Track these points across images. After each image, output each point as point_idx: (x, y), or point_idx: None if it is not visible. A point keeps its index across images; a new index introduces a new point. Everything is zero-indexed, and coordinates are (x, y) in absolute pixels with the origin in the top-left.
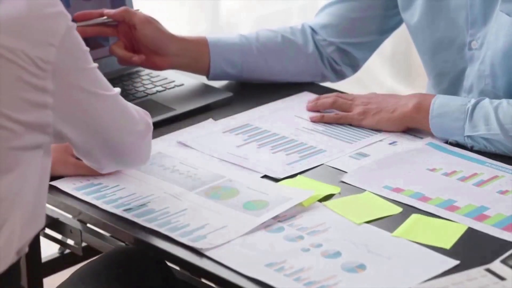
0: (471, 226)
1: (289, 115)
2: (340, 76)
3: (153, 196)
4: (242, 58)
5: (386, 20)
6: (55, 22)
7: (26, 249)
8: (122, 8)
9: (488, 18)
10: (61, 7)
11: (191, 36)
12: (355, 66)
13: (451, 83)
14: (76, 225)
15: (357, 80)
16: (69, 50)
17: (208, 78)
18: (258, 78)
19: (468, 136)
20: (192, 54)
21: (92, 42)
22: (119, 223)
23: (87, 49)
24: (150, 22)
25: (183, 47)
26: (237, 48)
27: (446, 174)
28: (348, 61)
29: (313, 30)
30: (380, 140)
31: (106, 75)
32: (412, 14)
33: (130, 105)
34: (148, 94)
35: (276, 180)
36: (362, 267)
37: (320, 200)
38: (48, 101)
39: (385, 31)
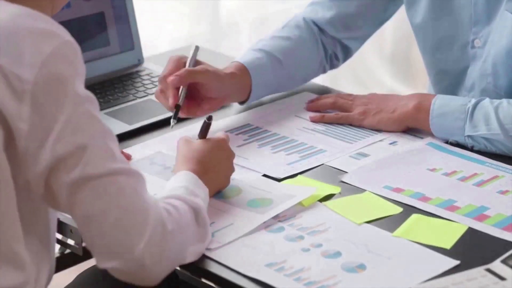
0: (471, 226)
1: (289, 115)
2: (332, 68)
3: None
4: (274, 80)
5: (385, 12)
6: (41, 40)
7: None
8: (184, 72)
9: (493, 16)
10: (52, 26)
11: (235, 67)
12: (347, 58)
13: (452, 81)
14: None
15: (357, 80)
16: (54, 74)
17: (241, 104)
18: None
19: (469, 136)
20: (239, 88)
21: (92, 42)
22: None
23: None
24: (215, 76)
25: (234, 84)
26: (270, 73)
27: (446, 174)
28: (344, 55)
29: (318, 27)
30: (380, 140)
31: (106, 75)
32: (416, 12)
33: (162, 200)
34: (148, 94)
35: (277, 180)
36: (362, 267)
37: (320, 200)
38: (22, 127)
39: (382, 21)
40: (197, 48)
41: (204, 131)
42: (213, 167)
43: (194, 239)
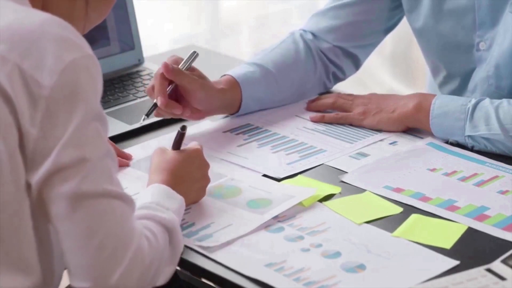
0: (471, 226)
1: (289, 115)
2: (336, 82)
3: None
4: (266, 93)
5: (390, 19)
6: (64, 48)
7: None
8: (175, 68)
9: (497, 19)
10: (78, 39)
11: (226, 81)
12: (357, 67)
13: (459, 84)
14: None
15: (357, 80)
16: (71, 83)
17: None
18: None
19: (469, 136)
20: (229, 102)
21: (92, 42)
22: None
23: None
24: (202, 86)
25: (223, 99)
26: (262, 86)
27: (446, 174)
28: (352, 64)
29: (318, 40)
30: (380, 140)
31: (106, 75)
32: (418, 16)
33: (140, 223)
34: None
35: (276, 180)
36: (361, 267)
37: (320, 200)
38: (32, 132)
39: (388, 29)
40: (195, 53)
41: (178, 142)
42: (187, 178)
43: (167, 262)
